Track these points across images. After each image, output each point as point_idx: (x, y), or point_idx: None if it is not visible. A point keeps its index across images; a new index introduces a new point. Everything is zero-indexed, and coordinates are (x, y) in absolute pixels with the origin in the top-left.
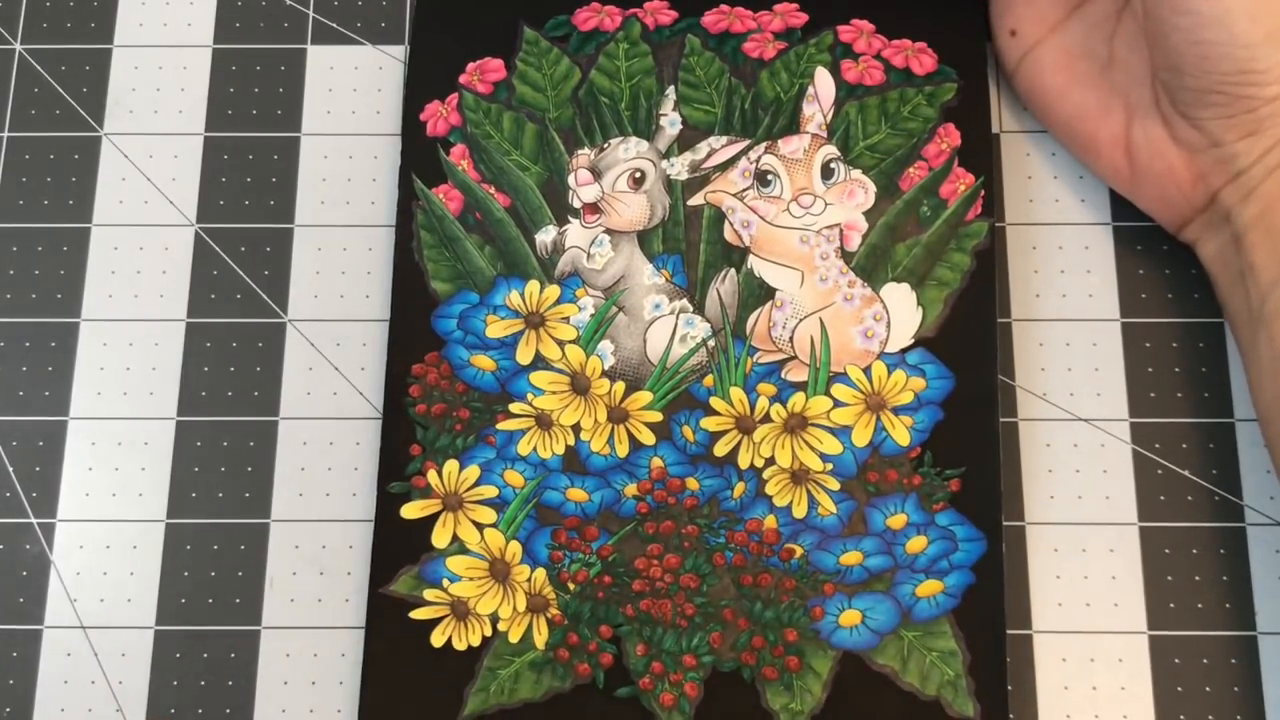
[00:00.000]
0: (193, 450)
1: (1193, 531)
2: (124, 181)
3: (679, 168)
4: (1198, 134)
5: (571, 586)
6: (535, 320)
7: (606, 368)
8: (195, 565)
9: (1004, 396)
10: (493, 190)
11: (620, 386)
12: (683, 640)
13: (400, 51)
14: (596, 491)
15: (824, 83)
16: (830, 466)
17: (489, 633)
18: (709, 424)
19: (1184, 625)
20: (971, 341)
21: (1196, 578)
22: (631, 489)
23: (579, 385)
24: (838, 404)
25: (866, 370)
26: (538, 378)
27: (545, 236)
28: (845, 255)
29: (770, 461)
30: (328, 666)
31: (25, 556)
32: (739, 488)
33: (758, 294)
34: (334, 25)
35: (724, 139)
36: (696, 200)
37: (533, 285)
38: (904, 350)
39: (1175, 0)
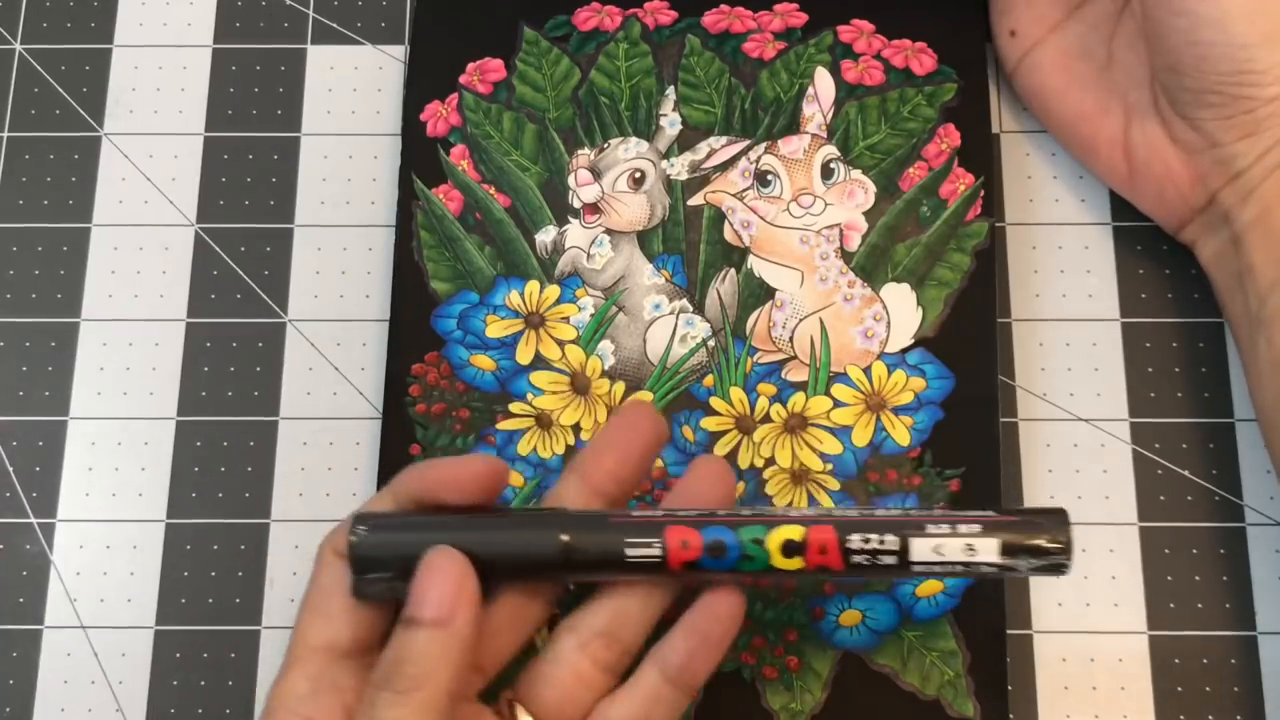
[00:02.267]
0: (193, 450)
1: (1193, 531)
2: (124, 181)
3: (679, 168)
4: (1196, 135)
5: (571, 587)
6: (535, 320)
7: (606, 368)
8: (195, 565)
9: (1004, 396)
10: (493, 190)
11: (620, 386)
12: None
13: (400, 51)
14: None
15: (824, 83)
16: (830, 467)
17: None
18: (709, 424)
19: (1184, 625)
20: (971, 341)
21: (1196, 578)
22: None
23: (579, 385)
24: (838, 404)
25: (866, 370)
26: (538, 378)
27: (545, 237)
28: (845, 255)
29: (770, 461)
30: None
31: (25, 556)
32: (739, 488)
33: (758, 294)
34: (334, 25)
35: (724, 139)
36: (696, 200)
37: (532, 285)
38: (904, 350)
39: (1173, 1)
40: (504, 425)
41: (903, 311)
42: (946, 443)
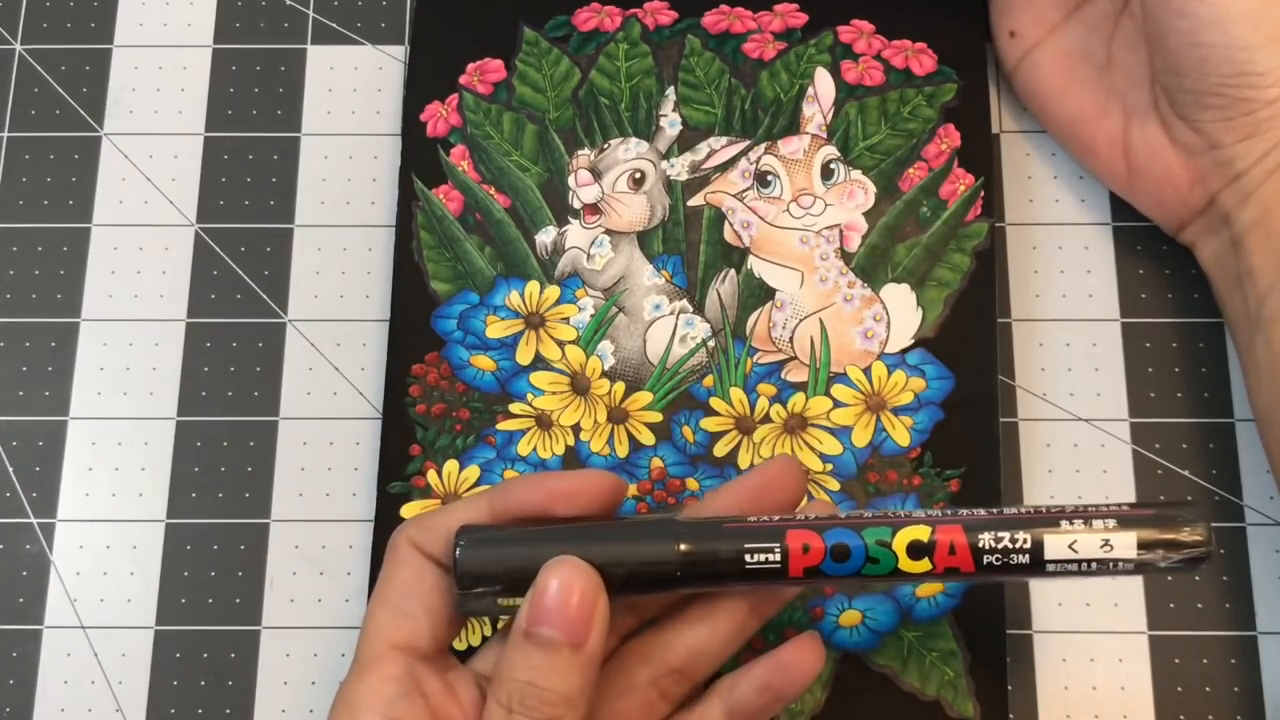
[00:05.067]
0: (193, 450)
1: None
2: (124, 181)
3: (679, 168)
4: (1196, 136)
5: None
6: (535, 321)
7: (606, 368)
8: (195, 565)
9: (1004, 396)
10: (493, 191)
11: (620, 387)
12: None
13: (400, 51)
14: None
15: (824, 83)
16: (830, 467)
17: (489, 631)
18: (709, 424)
19: (1184, 625)
20: (971, 342)
21: (1196, 578)
22: (631, 489)
23: (579, 385)
24: (838, 404)
25: (866, 371)
26: (538, 378)
27: (545, 237)
28: (845, 256)
29: None
30: (328, 666)
31: (25, 556)
32: None
33: (758, 294)
34: (334, 25)
35: (724, 140)
36: (696, 201)
37: (533, 286)
38: (904, 351)
39: (1173, 2)
40: (504, 425)
41: (903, 312)
42: (946, 443)
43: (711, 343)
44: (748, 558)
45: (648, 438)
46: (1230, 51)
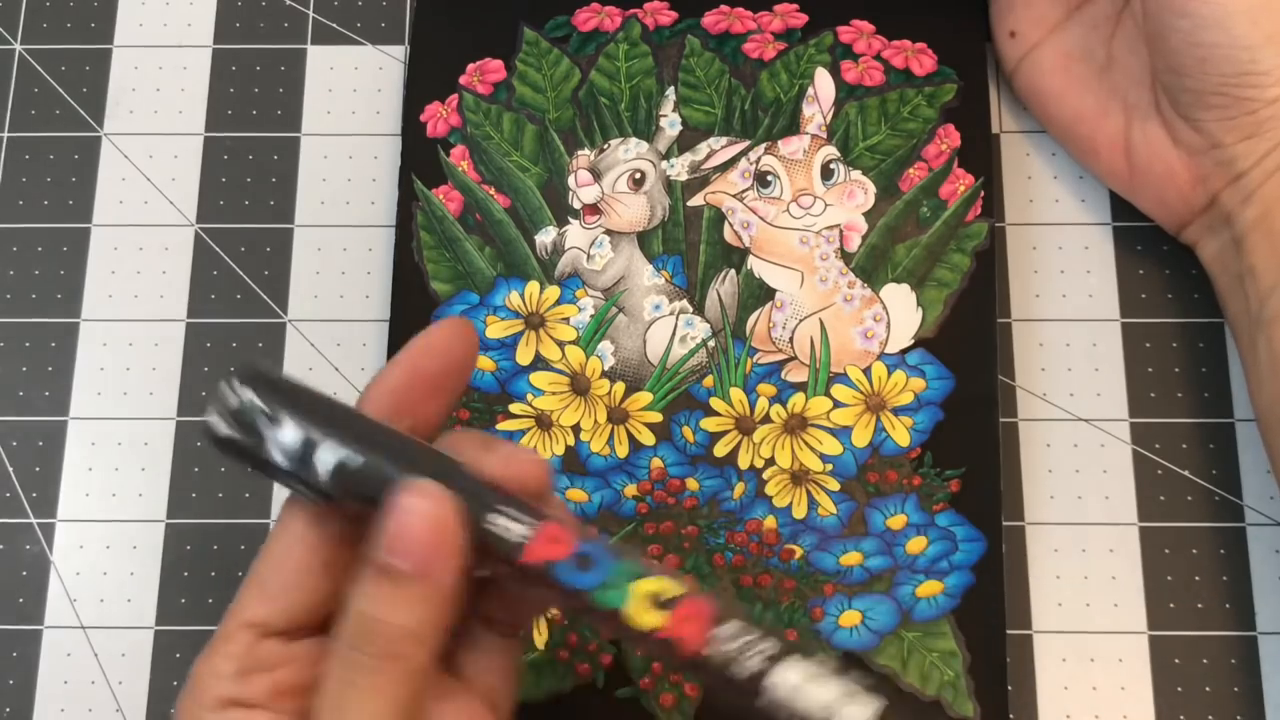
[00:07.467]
0: (193, 450)
1: (1193, 531)
2: (124, 181)
3: (679, 169)
4: (1198, 136)
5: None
6: (535, 321)
7: (606, 368)
8: (195, 565)
9: (1004, 396)
10: (493, 191)
11: (620, 387)
12: None
13: (400, 51)
14: (596, 492)
15: (824, 83)
16: (830, 467)
17: None
18: (709, 424)
19: (1184, 625)
20: (971, 342)
21: (1196, 578)
22: (631, 490)
23: (579, 386)
24: (837, 405)
25: (866, 371)
26: (538, 378)
27: (545, 237)
28: (845, 256)
29: (770, 462)
30: None
31: (25, 556)
32: (739, 488)
33: (758, 295)
34: (334, 25)
35: (724, 140)
36: (696, 201)
37: (533, 286)
38: (904, 351)
39: (1174, 2)
40: (504, 426)
41: (903, 312)
42: (946, 443)
43: (711, 343)
44: (492, 517)
45: (648, 438)
46: (1232, 51)
